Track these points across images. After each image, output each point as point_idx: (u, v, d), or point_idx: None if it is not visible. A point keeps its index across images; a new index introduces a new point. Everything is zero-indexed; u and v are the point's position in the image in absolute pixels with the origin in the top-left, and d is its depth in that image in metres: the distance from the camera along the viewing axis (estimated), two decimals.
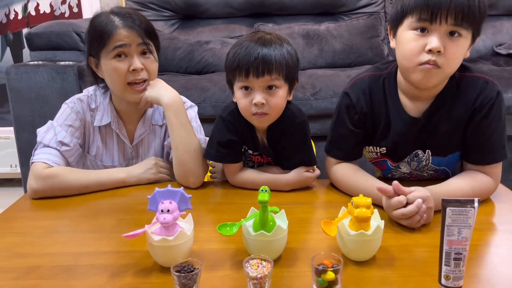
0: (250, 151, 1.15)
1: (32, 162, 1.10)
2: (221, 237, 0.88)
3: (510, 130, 1.75)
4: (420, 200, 0.87)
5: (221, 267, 0.79)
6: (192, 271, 0.68)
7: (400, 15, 0.96)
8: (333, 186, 1.14)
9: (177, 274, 0.67)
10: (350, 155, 1.12)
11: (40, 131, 1.14)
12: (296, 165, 1.11)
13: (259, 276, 0.68)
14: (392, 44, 1.02)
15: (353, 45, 2.19)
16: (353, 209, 0.77)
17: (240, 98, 1.04)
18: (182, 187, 0.79)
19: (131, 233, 0.76)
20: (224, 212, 1.02)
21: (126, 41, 1.09)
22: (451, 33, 0.91)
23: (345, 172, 1.10)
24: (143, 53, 1.12)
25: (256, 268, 0.69)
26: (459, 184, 1.01)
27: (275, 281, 0.73)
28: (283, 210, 0.84)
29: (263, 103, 1.01)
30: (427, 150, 1.07)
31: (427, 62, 0.92)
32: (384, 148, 1.10)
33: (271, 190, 0.79)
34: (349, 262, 0.79)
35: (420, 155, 1.08)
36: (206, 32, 2.34)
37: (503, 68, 1.96)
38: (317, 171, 1.14)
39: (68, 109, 1.17)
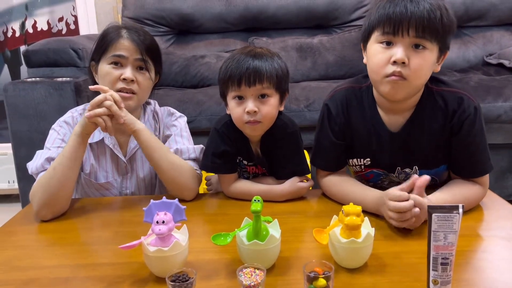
0: (245, 162, 1.17)
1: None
2: (215, 247, 0.90)
3: (500, 139, 1.79)
4: (412, 201, 0.88)
5: (216, 276, 0.80)
6: (187, 281, 0.70)
7: (368, 30, 1.00)
8: (325, 196, 1.16)
9: (172, 283, 0.69)
10: (334, 166, 1.15)
11: (30, 165, 1.13)
12: (290, 174, 1.13)
13: (252, 284, 0.69)
14: (365, 60, 1.06)
15: (346, 57, 2.23)
16: (344, 217, 0.79)
17: (233, 107, 1.07)
18: (176, 199, 0.81)
19: (127, 244, 0.78)
20: (219, 222, 1.04)
21: (124, 52, 1.13)
22: (416, 46, 0.95)
23: (334, 183, 1.12)
24: (140, 68, 1.16)
25: (249, 277, 0.71)
26: (451, 194, 1.02)
27: None
28: (276, 220, 0.86)
29: (255, 111, 1.04)
30: (414, 167, 1.09)
31: (392, 74, 0.95)
32: (368, 160, 1.12)
33: (266, 201, 0.81)
34: (341, 269, 0.81)
35: (408, 173, 1.10)
36: (201, 46, 2.38)
37: (493, 77, 2.00)
38: (311, 181, 1.16)
39: (55, 133, 1.18)
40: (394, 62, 0.94)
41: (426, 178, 0.91)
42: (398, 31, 0.93)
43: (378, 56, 0.97)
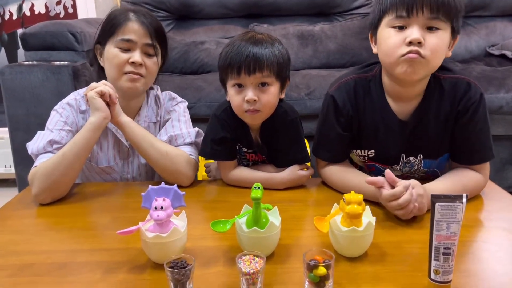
0: (245, 149, 1.16)
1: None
2: (214, 234, 0.89)
3: (501, 130, 1.78)
4: (411, 188, 0.89)
5: (215, 263, 0.80)
6: (185, 267, 0.69)
7: (378, 17, 0.99)
8: (325, 184, 1.15)
9: (170, 270, 0.68)
10: (337, 157, 1.13)
11: (30, 145, 1.11)
12: (290, 162, 1.12)
13: (251, 271, 0.68)
14: (374, 49, 1.04)
15: (348, 45, 2.20)
16: (345, 205, 0.78)
17: (232, 95, 1.05)
18: (175, 185, 0.80)
19: (125, 230, 0.77)
20: (218, 209, 1.03)
21: (133, 36, 1.11)
22: (429, 28, 0.93)
23: (336, 170, 1.11)
24: (148, 54, 1.14)
25: (248, 264, 0.70)
26: (450, 182, 1.02)
27: (268, 277, 0.74)
28: (276, 207, 0.85)
29: (255, 100, 1.02)
30: (419, 155, 1.08)
31: (409, 52, 0.93)
32: (373, 151, 1.11)
33: (266, 189, 0.80)
34: (341, 258, 0.80)
35: (412, 161, 1.09)
36: (201, 32, 2.35)
37: (496, 68, 1.99)
38: (311, 170, 1.15)
39: (57, 115, 1.15)
40: (410, 43, 0.92)
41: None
42: (412, 11, 0.91)
43: (392, 38, 0.95)
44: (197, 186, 1.16)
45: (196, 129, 1.22)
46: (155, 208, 0.77)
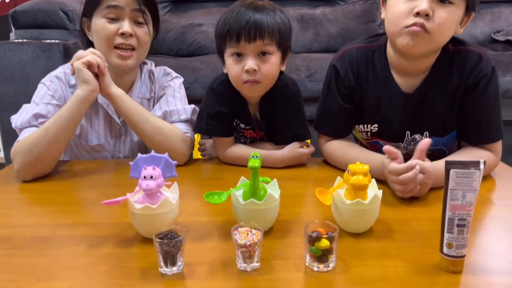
0: (242, 125, 1.10)
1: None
2: (208, 210, 0.84)
3: (508, 115, 1.72)
4: (418, 167, 0.82)
5: (209, 238, 0.74)
6: (176, 238, 0.63)
7: None
8: (327, 164, 1.09)
9: (159, 241, 0.62)
10: (340, 132, 1.08)
11: (14, 118, 1.05)
12: (290, 139, 1.06)
13: (248, 243, 0.63)
14: (383, 14, 0.97)
15: (349, 29, 2.14)
16: (349, 176, 0.72)
17: (231, 65, 0.99)
18: (166, 153, 0.74)
19: (110, 200, 0.71)
20: (213, 186, 0.95)
21: (120, 2, 1.03)
22: (442, 1, 0.87)
23: (338, 147, 1.05)
24: (138, 22, 1.07)
25: (245, 236, 0.64)
26: (460, 159, 0.96)
27: (266, 252, 0.68)
28: (275, 179, 0.80)
29: (255, 70, 0.96)
30: (424, 132, 1.03)
31: (413, 24, 0.87)
32: (376, 126, 1.05)
33: (264, 167, 0.74)
34: (345, 234, 0.74)
35: (417, 139, 1.03)
36: (199, 15, 2.28)
37: (502, 53, 1.93)
38: (312, 148, 1.09)
39: (45, 88, 1.09)
40: (417, 14, 0.86)
41: (427, 140, 0.85)
42: None
43: (400, 6, 0.89)
44: (192, 165, 1.10)
45: (192, 106, 1.15)
46: (144, 177, 0.71)
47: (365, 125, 1.06)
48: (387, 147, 0.86)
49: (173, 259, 0.63)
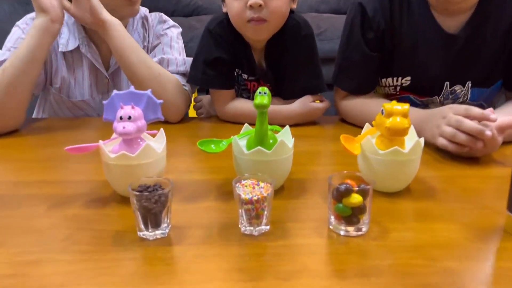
0: (245, 76, 0.94)
1: None
2: (203, 167, 0.69)
3: None
4: (488, 133, 0.64)
5: (204, 197, 0.58)
6: (159, 191, 0.47)
7: None
8: (345, 122, 0.93)
9: (137, 194, 0.47)
10: (362, 87, 0.91)
11: None
12: (301, 92, 0.90)
13: (254, 198, 0.47)
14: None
15: None
16: (384, 119, 0.56)
17: (232, 1, 0.83)
18: (149, 89, 0.58)
19: (76, 146, 0.55)
20: None
21: None
22: None
23: (360, 101, 0.89)
24: None
25: (251, 190, 0.48)
26: None
27: (276, 214, 0.53)
28: (287, 127, 0.64)
29: (260, 5, 0.80)
30: (467, 82, 0.86)
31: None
32: (408, 79, 0.88)
33: (270, 125, 0.59)
34: (375, 193, 0.59)
35: (458, 91, 0.87)
36: None
37: None
38: (326, 102, 0.93)
39: (19, 31, 0.94)
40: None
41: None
42: None
43: None
44: (188, 122, 0.94)
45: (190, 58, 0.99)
46: (121, 118, 0.55)
47: (395, 78, 0.89)
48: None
49: (156, 219, 0.48)
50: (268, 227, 0.50)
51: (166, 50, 0.99)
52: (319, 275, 0.42)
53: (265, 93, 0.56)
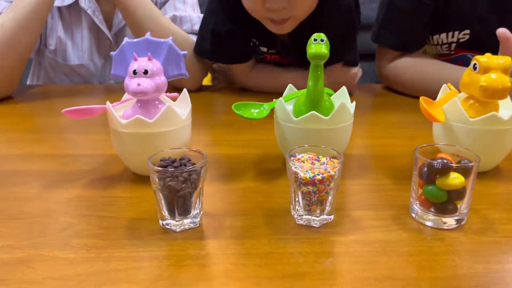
0: (264, 49, 0.79)
1: None
2: (235, 141, 0.56)
3: None
4: None
5: (241, 177, 0.46)
6: (189, 166, 0.35)
7: None
8: (391, 90, 0.80)
9: (160, 169, 0.34)
10: (411, 42, 0.77)
11: None
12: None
13: (318, 177, 0.34)
14: None
15: None
16: (477, 76, 0.43)
17: None
18: (171, 37, 0.45)
19: (75, 107, 0.42)
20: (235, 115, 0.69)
21: None
22: None
23: (412, 63, 0.76)
24: None
25: (309, 166, 0.36)
26: None
27: (342, 198, 0.40)
28: (343, 87, 0.51)
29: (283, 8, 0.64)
30: None
31: None
32: (467, 32, 0.74)
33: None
34: None
35: None
36: None
37: None
38: (360, 70, 0.79)
39: None
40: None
41: None
42: None
43: None
44: (202, 92, 0.81)
45: None
46: (134, 72, 0.42)
47: (450, 34, 0.75)
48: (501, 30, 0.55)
49: (185, 204, 0.35)
50: (331, 216, 0.37)
51: (178, 6, 0.85)
52: (414, 284, 0.30)
53: (322, 40, 0.43)
